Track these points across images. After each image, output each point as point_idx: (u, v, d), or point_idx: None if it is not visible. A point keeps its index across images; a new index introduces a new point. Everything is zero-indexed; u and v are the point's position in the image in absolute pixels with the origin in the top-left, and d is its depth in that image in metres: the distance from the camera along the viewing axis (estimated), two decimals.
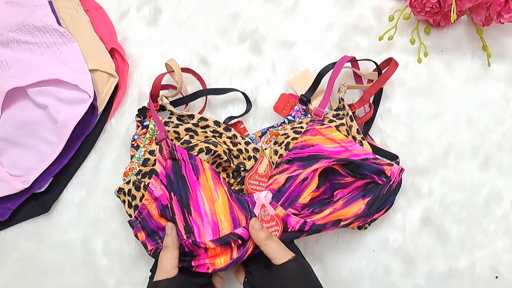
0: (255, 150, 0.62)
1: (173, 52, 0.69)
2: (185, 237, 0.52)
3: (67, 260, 0.64)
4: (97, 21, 0.69)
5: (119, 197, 0.58)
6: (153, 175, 0.55)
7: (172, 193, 0.53)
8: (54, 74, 0.63)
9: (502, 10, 0.62)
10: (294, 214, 0.56)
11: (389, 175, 0.56)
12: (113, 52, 0.68)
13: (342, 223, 0.55)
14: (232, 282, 0.62)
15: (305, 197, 0.55)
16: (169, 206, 0.54)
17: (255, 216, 0.55)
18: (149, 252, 0.56)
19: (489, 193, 0.65)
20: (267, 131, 0.63)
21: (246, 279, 0.55)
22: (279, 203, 0.56)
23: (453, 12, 0.60)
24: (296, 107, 0.64)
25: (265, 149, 0.62)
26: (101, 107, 0.66)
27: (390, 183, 0.56)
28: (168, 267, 0.52)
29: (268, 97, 0.67)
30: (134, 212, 0.56)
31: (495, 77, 0.68)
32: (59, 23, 0.65)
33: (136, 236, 0.56)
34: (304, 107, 0.63)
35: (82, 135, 0.65)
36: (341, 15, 0.70)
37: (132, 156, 0.61)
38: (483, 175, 0.65)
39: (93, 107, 0.64)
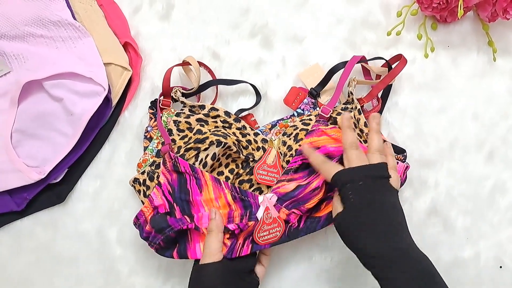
0: (264, 141, 0.63)
1: (185, 46, 0.70)
2: (189, 220, 0.54)
3: (82, 250, 0.66)
4: (111, 16, 0.70)
5: (134, 187, 0.60)
6: (156, 185, 0.57)
7: (175, 204, 0.56)
8: (69, 67, 0.64)
9: (508, 6, 0.63)
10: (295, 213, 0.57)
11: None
12: (126, 46, 0.69)
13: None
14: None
15: (311, 203, 0.56)
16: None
17: (257, 219, 0.56)
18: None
19: (494, 185, 0.66)
20: (277, 124, 0.65)
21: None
22: (283, 205, 0.56)
23: (460, 8, 0.62)
24: (305, 100, 0.65)
25: (274, 140, 0.63)
26: (115, 100, 0.67)
27: None
28: (214, 250, 0.53)
29: (278, 91, 0.68)
30: None
31: (500, 72, 0.69)
32: (74, 18, 0.67)
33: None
34: (313, 100, 0.65)
35: (97, 127, 0.66)
36: (350, 10, 0.71)
37: (145, 148, 0.63)
38: (488, 168, 0.67)
39: (107, 99, 0.65)
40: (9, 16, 0.66)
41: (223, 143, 0.58)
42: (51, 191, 0.66)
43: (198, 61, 0.66)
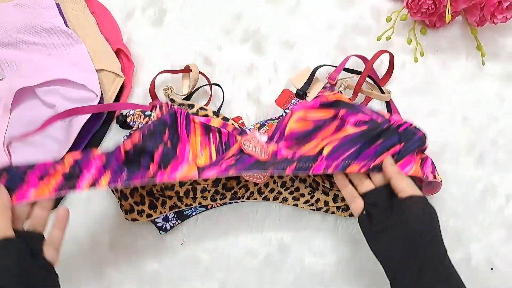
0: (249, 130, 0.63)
1: (178, 52, 0.71)
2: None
3: (74, 255, 0.66)
4: (103, 23, 0.70)
5: None
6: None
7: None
8: (62, 74, 0.65)
9: (495, 11, 0.64)
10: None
11: (387, 118, 0.55)
12: (119, 52, 0.69)
13: (326, 147, 0.54)
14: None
15: (290, 126, 0.55)
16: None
17: (246, 134, 0.57)
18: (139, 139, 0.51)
19: (484, 188, 0.67)
20: (266, 123, 0.66)
21: (365, 211, 0.53)
22: (272, 142, 0.56)
23: (448, 13, 0.63)
24: (293, 101, 0.66)
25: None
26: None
27: (390, 123, 0.54)
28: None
29: (270, 96, 0.69)
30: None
31: (489, 75, 0.70)
32: (66, 25, 0.67)
33: (119, 150, 0.52)
34: (301, 100, 0.66)
35: (89, 134, 0.66)
36: (341, 15, 0.72)
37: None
38: (478, 171, 0.67)
39: None
40: (2, 24, 0.66)
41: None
42: None
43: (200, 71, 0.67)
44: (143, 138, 0.51)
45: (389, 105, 0.68)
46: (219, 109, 0.67)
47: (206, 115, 0.63)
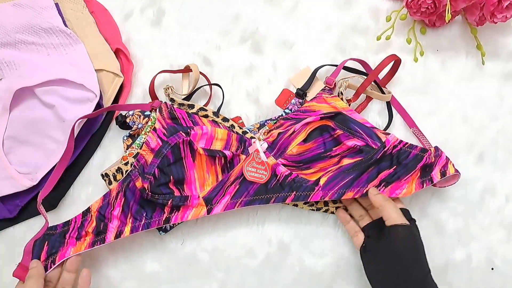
0: (252, 138, 0.63)
1: (176, 52, 0.71)
2: (184, 135, 0.58)
3: None
4: (102, 23, 0.70)
5: (116, 176, 0.60)
6: (151, 131, 0.59)
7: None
8: (61, 74, 0.65)
9: (495, 10, 0.64)
10: (283, 164, 0.60)
11: (383, 141, 0.59)
12: (118, 52, 0.69)
13: (322, 178, 0.59)
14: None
15: (291, 149, 0.60)
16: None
17: (248, 153, 0.60)
18: (147, 191, 0.57)
19: (484, 187, 0.66)
20: (265, 123, 0.66)
21: (364, 244, 0.58)
22: (271, 154, 0.61)
23: (448, 12, 0.62)
24: (292, 100, 0.66)
25: (262, 138, 0.63)
26: (106, 106, 0.67)
27: (385, 149, 0.59)
28: None
29: (270, 96, 0.69)
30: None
31: (489, 75, 0.70)
32: (65, 25, 0.67)
33: (134, 185, 0.58)
34: (301, 100, 0.66)
35: (89, 134, 0.67)
36: (340, 15, 0.72)
37: (127, 146, 0.63)
38: (478, 170, 0.67)
39: (99, 106, 0.65)
40: (1, 24, 0.66)
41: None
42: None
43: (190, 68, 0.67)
44: (151, 187, 0.57)
45: (389, 105, 0.68)
46: (218, 109, 0.67)
47: (206, 116, 0.63)
